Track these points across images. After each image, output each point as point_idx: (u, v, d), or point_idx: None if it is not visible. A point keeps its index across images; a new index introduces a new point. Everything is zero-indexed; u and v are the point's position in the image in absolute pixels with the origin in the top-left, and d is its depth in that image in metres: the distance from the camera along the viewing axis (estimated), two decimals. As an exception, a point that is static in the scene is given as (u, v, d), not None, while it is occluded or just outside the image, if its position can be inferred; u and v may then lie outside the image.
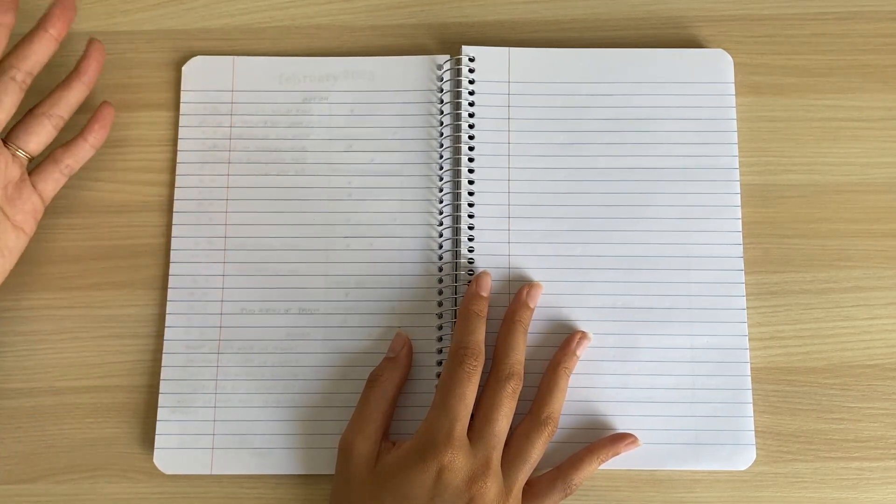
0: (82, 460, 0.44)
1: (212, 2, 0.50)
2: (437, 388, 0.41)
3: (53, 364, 0.45)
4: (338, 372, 0.45)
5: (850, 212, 0.47)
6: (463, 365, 0.41)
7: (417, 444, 0.40)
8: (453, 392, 0.40)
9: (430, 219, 0.46)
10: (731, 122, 0.47)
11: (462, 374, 0.40)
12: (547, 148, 0.47)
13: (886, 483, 0.44)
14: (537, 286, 0.45)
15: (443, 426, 0.39)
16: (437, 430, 0.39)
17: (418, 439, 0.40)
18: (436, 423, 0.40)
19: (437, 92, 0.48)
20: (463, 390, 0.40)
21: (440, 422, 0.40)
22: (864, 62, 0.49)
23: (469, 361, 0.41)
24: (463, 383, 0.40)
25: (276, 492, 0.44)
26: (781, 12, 0.49)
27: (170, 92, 0.48)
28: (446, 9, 0.50)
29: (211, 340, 0.45)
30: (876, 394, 0.45)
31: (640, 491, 0.44)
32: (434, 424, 0.40)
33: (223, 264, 0.46)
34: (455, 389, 0.40)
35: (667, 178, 0.46)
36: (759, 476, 0.44)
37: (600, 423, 0.44)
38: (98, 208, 0.47)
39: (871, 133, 0.48)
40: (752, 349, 0.45)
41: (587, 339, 0.44)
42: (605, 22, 0.49)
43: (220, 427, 0.44)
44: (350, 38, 0.49)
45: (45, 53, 0.42)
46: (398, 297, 0.45)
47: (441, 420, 0.40)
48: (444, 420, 0.39)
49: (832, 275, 0.46)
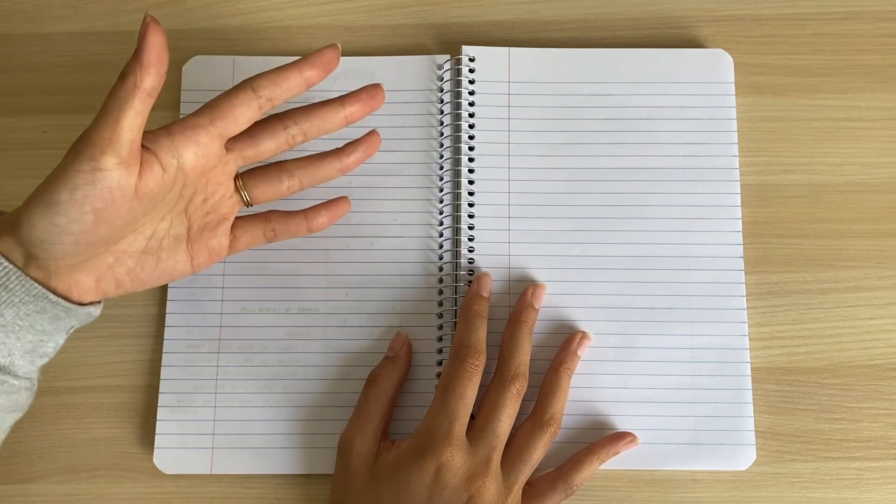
0: (82, 460, 0.44)
1: (212, 2, 0.50)
2: (438, 387, 0.41)
3: (53, 364, 0.45)
4: (338, 372, 0.45)
5: (850, 212, 0.47)
6: (464, 364, 0.41)
7: (416, 442, 0.40)
8: (454, 391, 0.40)
9: (430, 219, 0.46)
10: (731, 122, 0.47)
11: (463, 373, 0.40)
12: (547, 148, 0.47)
13: (886, 483, 0.44)
14: (542, 287, 0.45)
15: (442, 425, 0.39)
16: (436, 429, 0.39)
17: (417, 438, 0.40)
18: (435, 422, 0.40)
19: (437, 92, 0.48)
20: (463, 389, 0.40)
21: (439, 420, 0.40)
22: (864, 62, 0.49)
23: (470, 361, 0.41)
24: (464, 382, 0.40)
25: (276, 492, 0.44)
26: (781, 12, 0.49)
27: (170, 92, 0.48)
28: (446, 9, 0.50)
29: (211, 340, 0.45)
30: (876, 394, 0.45)
31: (640, 491, 0.44)
32: (433, 423, 0.40)
33: (223, 264, 0.46)
34: (455, 388, 0.40)
35: (667, 178, 0.46)
36: (759, 476, 0.44)
37: (600, 423, 0.44)
38: (98, 208, 0.47)
39: (870, 133, 0.48)
40: (752, 349, 0.45)
41: (587, 339, 0.44)
42: (605, 22, 0.49)
43: (220, 427, 0.44)
44: (350, 38, 0.49)
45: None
46: (398, 297, 0.45)
47: (440, 419, 0.40)
48: (443, 419, 0.39)
49: (832, 275, 0.46)
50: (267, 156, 0.39)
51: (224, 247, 0.40)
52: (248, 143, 0.39)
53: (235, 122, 0.36)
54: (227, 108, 0.36)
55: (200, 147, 0.36)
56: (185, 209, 0.38)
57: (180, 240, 0.38)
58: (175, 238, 0.38)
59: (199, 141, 0.36)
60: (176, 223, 0.38)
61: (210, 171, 0.38)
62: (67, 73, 0.49)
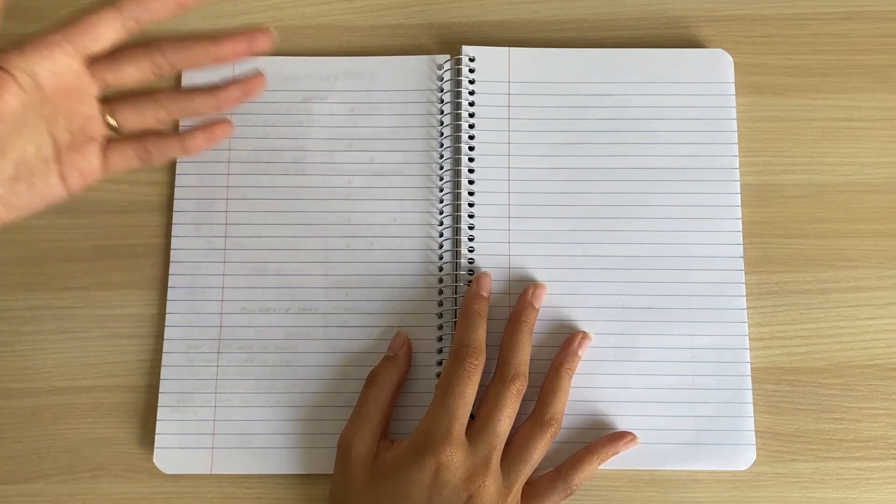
0: (82, 460, 0.44)
1: (212, 2, 0.50)
2: (437, 387, 0.41)
3: (53, 364, 0.45)
4: (338, 372, 0.45)
5: (850, 212, 0.47)
6: (464, 363, 0.41)
7: (416, 441, 0.40)
8: (453, 390, 0.40)
9: (430, 219, 0.46)
10: (731, 122, 0.47)
11: (463, 372, 0.40)
12: (547, 148, 0.47)
13: (886, 483, 0.44)
14: (542, 287, 0.45)
15: (441, 424, 0.39)
16: (435, 428, 0.39)
17: (417, 437, 0.40)
18: (434, 421, 0.40)
19: (437, 92, 0.48)
20: (463, 389, 0.40)
21: (439, 420, 0.40)
22: (864, 62, 0.49)
23: (470, 360, 0.41)
24: (463, 382, 0.40)
25: (276, 492, 0.44)
26: (781, 12, 0.49)
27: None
28: (446, 9, 0.50)
29: (211, 340, 0.45)
30: (876, 394, 0.45)
31: (640, 491, 0.44)
32: (433, 422, 0.40)
33: (223, 264, 0.46)
34: (455, 388, 0.40)
35: (667, 178, 0.46)
36: (759, 476, 0.44)
37: (600, 423, 0.44)
38: (98, 208, 0.47)
39: (871, 133, 0.48)
40: (752, 349, 0.45)
41: (588, 340, 0.44)
42: (605, 22, 0.49)
43: (219, 427, 0.44)
44: (350, 38, 0.49)
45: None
46: (398, 297, 0.45)
47: (440, 418, 0.40)
48: (442, 418, 0.39)
49: (832, 275, 0.46)
50: (130, 83, 0.38)
51: (95, 168, 0.39)
52: (109, 66, 0.37)
53: (95, 40, 0.35)
54: (85, 24, 0.35)
55: (56, 64, 0.35)
56: (50, 131, 0.37)
57: (49, 161, 0.37)
58: (43, 160, 0.37)
59: (53, 57, 0.35)
60: (43, 145, 0.36)
61: (72, 92, 0.37)
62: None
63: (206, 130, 0.40)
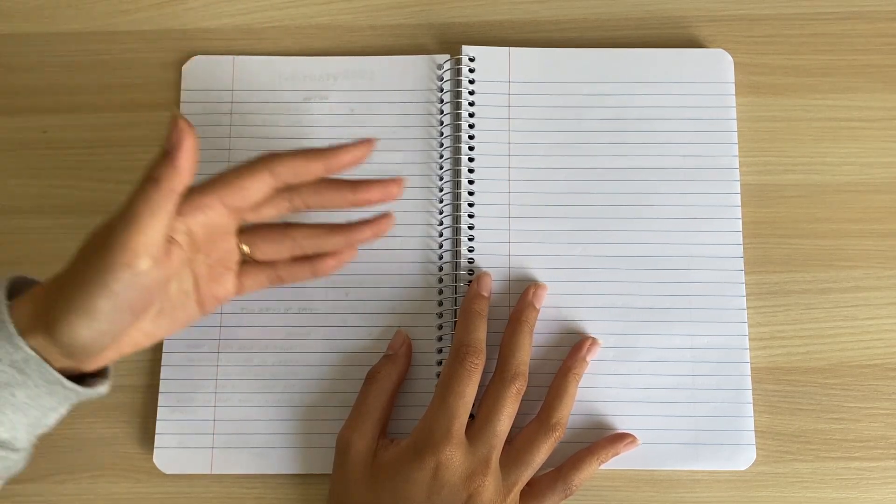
0: (82, 460, 0.44)
1: (212, 2, 0.50)
2: (437, 386, 0.41)
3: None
4: (338, 371, 0.45)
5: (850, 212, 0.47)
6: (464, 363, 0.41)
7: (415, 440, 0.40)
8: (453, 390, 0.40)
9: (430, 219, 0.46)
10: (731, 122, 0.47)
11: (463, 371, 0.40)
12: (547, 148, 0.47)
13: (886, 483, 0.44)
14: (543, 287, 0.45)
15: (441, 423, 0.39)
16: (435, 427, 0.39)
17: (416, 436, 0.40)
18: (434, 421, 0.40)
19: (437, 92, 0.48)
20: (463, 388, 0.40)
21: (438, 419, 0.40)
22: (864, 62, 0.49)
23: (470, 359, 0.41)
24: (463, 381, 0.40)
25: (276, 492, 0.44)
26: (781, 12, 0.49)
27: (170, 92, 0.48)
28: (446, 9, 0.50)
29: (211, 340, 0.45)
30: (876, 394, 0.45)
31: (640, 491, 0.44)
32: (432, 421, 0.40)
33: (223, 264, 0.46)
34: (455, 387, 0.40)
35: (667, 178, 0.46)
36: (759, 476, 0.44)
37: (600, 424, 0.44)
38: (98, 208, 0.47)
39: (871, 133, 0.48)
40: (752, 349, 0.45)
41: (597, 346, 0.44)
42: (605, 22, 0.49)
43: (219, 427, 0.44)
44: (350, 38, 0.49)
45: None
46: (398, 296, 0.45)
47: (440, 417, 0.40)
48: (442, 417, 0.39)
49: (832, 275, 0.46)
50: (267, 220, 0.39)
51: (230, 291, 0.40)
52: (250, 212, 0.38)
53: (245, 199, 0.37)
54: (237, 187, 0.36)
55: (209, 218, 0.36)
56: (192, 268, 0.38)
57: (189, 294, 0.38)
58: (185, 293, 0.38)
59: (207, 215, 0.36)
60: (185, 281, 0.38)
61: (214, 233, 0.38)
62: (67, 73, 0.49)
63: (335, 256, 0.41)
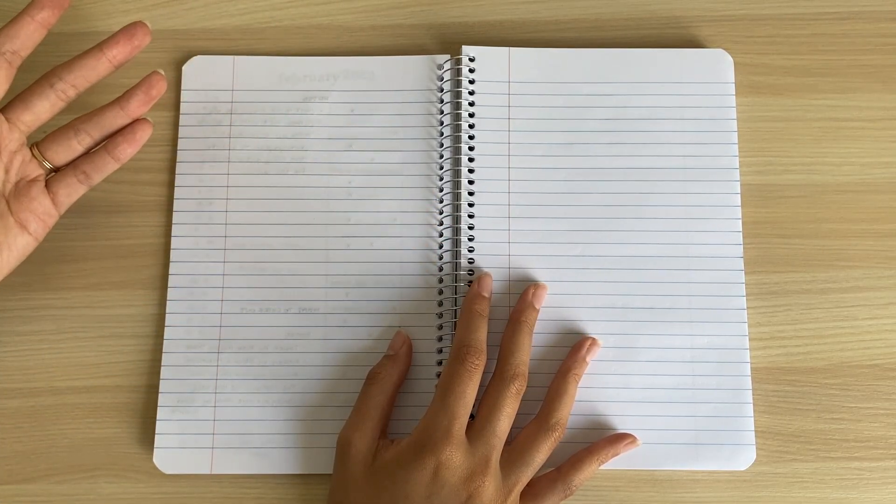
0: (82, 460, 0.44)
1: (212, 2, 0.50)
2: (438, 386, 0.41)
3: (53, 364, 0.45)
4: (338, 372, 0.45)
5: (850, 212, 0.47)
6: (465, 363, 0.41)
7: (415, 441, 0.40)
8: (453, 390, 0.40)
9: (430, 219, 0.46)
10: (731, 122, 0.47)
11: (463, 372, 0.40)
12: (547, 148, 0.47)
13: (886, 483, 0.44)
14: (543, 287, 0.45)
15: (441, 423, 0.39)
16: (435, 428, 0.39)
17: (416, 436, 0.40)
18: (434, 421, 0.40)
19: (437, 92, 0.48)
20: (463, 388, 0.40)
21: (439, 419, 0.40)
22: (864, 62, 0.49)
23: (471, 360, 0.41)
24: (464, 381, 0.40)
25: (276, 492, 0.44)
26: (781, 12, 0.49)
27: (170, 92, 0.48)
28: (446, 9, 0.50)
29: (211, 340, 0.45)
30: (876, 394, 0.45)
31: (640, 491, 0.44)
32: (432, 421, 0.40)
33: (223, 264, 0.46)
34: (455, 387, 0.40)
35: (667, 178, 0.46)
36: (759, 476, 0.44)
37: (600, 424, 0.44)
38: (97, 208, 0.47)
39: (871, 133, 0.48)
40: (752, 349, 0.45)
41: (597, 346, 0.44)
42: (605, 22, 0.50)
43: (219, 427, 0.44)
44: (350, 38, 0.49)
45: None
46: (398, 296, 0.45)
47: (440, 417, 0.40)
48: (442, 417, 0.39)
49: (832, 275, 0.46)
50: (46, 117, 0.41)
51: (49, 206, 0.41)
52: (22, 109, 0.40)
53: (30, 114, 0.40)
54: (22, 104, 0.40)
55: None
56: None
57: (4, 215, 0.40)
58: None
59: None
60: None
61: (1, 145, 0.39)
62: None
63: (126, 136, 0.42)
